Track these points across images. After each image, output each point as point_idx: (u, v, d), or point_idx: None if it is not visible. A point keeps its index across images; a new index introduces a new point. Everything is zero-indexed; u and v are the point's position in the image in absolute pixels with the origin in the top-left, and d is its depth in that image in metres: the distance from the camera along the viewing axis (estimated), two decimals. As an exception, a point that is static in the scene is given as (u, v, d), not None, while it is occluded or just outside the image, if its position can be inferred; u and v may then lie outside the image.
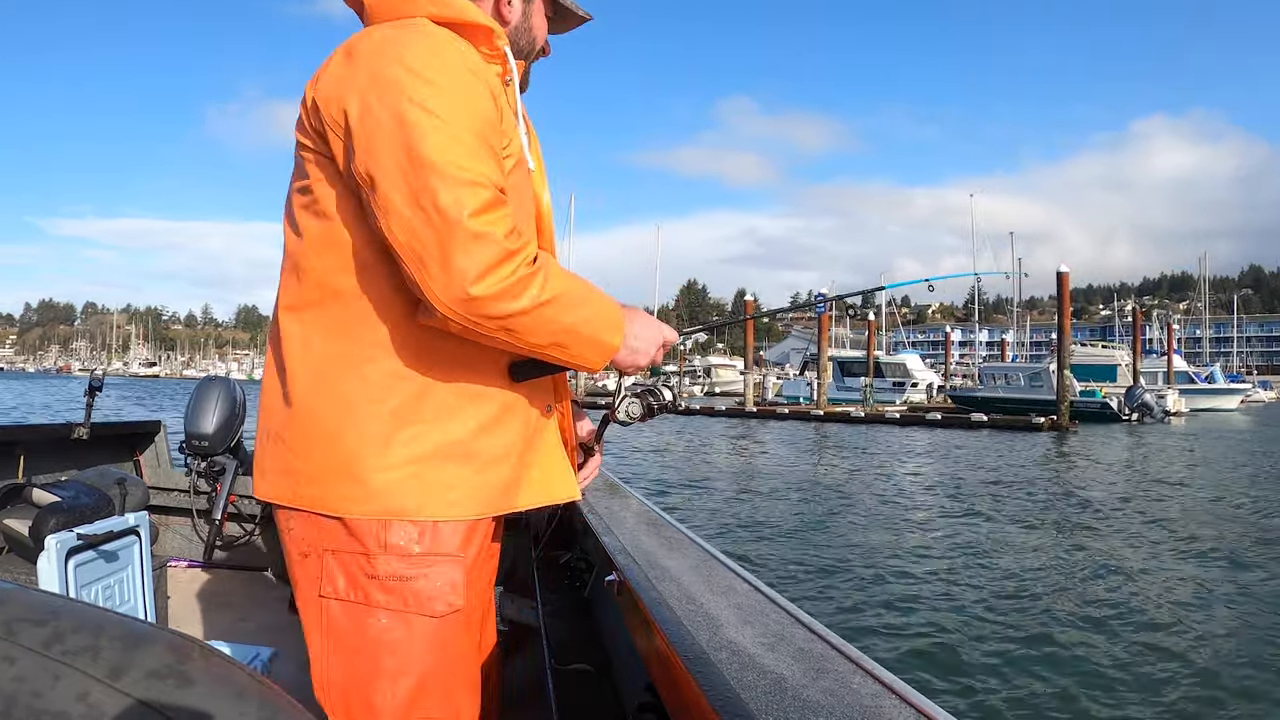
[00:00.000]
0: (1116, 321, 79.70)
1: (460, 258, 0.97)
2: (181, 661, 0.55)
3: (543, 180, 1.30)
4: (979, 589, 6.25)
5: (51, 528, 2.11)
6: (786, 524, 8.94)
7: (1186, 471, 14.30)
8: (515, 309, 1.01)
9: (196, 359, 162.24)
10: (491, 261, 0.98)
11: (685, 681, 0.90)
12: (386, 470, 1.07)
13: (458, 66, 1.05)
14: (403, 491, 1.07)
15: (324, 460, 1.08)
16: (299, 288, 1.12)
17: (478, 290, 0.98)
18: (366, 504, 1.07)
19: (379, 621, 1.07)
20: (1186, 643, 5.06)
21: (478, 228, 0.98)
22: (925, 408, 33.84)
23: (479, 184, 0.99)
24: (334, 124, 1.05)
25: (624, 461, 14.74)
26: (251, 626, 2.85)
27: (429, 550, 1.08)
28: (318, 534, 1.09)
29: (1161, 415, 31.20)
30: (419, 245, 0.98)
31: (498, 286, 0.99)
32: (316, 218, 1.11)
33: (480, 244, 0.98)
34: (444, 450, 1.09)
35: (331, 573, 1.08)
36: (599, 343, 1.11)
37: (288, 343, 1.13)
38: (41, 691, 0.51)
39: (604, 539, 1.67)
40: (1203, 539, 8.19)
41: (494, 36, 1.15)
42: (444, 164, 0.98)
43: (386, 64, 1.03)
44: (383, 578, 1.07)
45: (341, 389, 1.08)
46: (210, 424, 3.25)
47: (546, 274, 1.04)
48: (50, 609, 0.57)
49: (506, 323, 1.02)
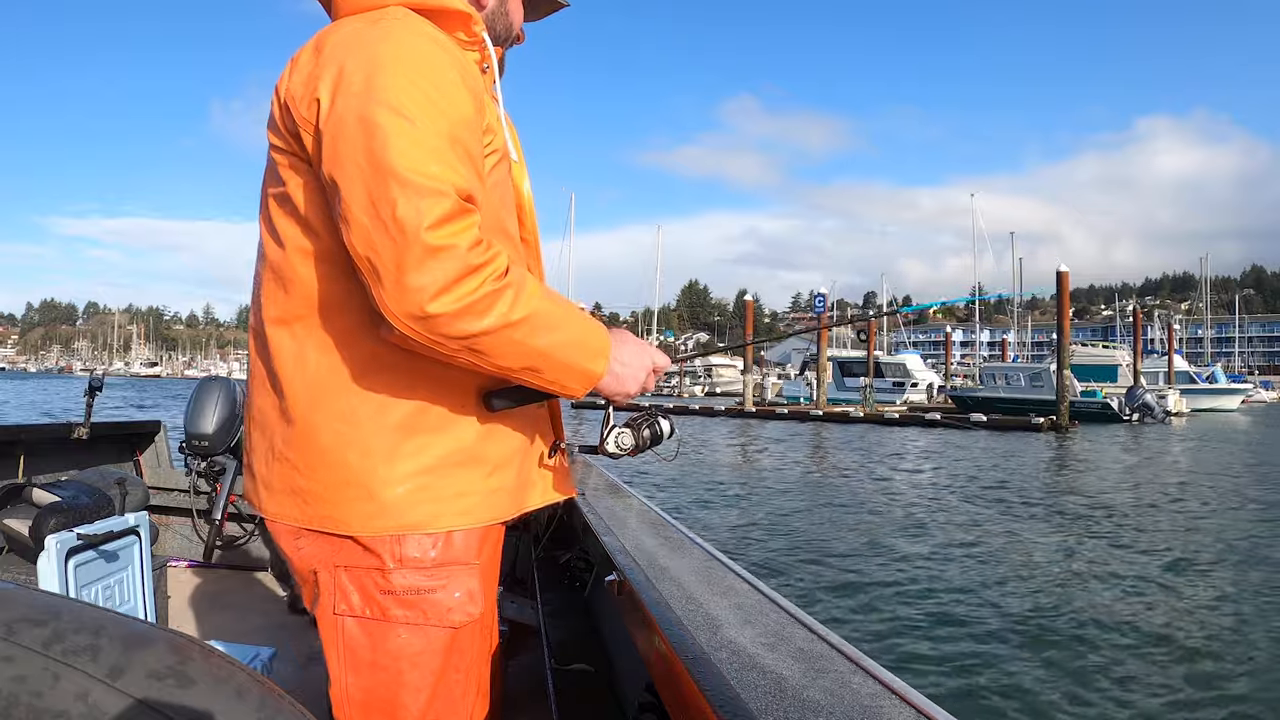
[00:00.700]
0: (1118, 322, 79.73)
1: (415, 273, 0.91)
2: (181, 661, 0.55)
3: (523, 170, 1.27)
4: (973, 591, 6.24)
5: (51, 528, 2.11)
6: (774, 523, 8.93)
7: (1184, 473, 14.27)
8: (479, 328, 0.94)
9: (198, 359, 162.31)
10: (452, 277, 0.92)
11: (685, 681, 0.90)
12: (396, 484, 1.04)
13: (433, 61, 1.00)
14: (415, 504, 1.05)
15: (331, 478, 1.05)
16: (286, 300, 1.08)
17: (435, 308, 0.92)
18: (380, 520, 1.04)
19: (399, 636, 1.05)
20: (1185, 643, 5.05)
21: (437, 241, 0.91)
22: (924, 408, 33.82)
23: (443, 193, 0.93)
24: (305, 122, 1.00)
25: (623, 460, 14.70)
26: (251, 626, 2.85)
27: (445, 560, 1.06)
28: (330, 551, 1.07)
29: (1162, 415, 31.18)
30: (374, 257, 0.92)
31: (458, 304, 0.92)
32: (299, 226, 1.06)
33: (439, 259, 0.91)
34: (451, 458, 1.07)
35: (345, 590, 1.06)
36: (578, 369, 1.05)
37: (280, 357, 1.08)
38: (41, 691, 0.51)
39: (604, 539, 1.67)
40: (1195, 541, 8.19)
41: (471, 22, 1.11)
42: (406, 171, 0.92)
43: (355, 59, 0.98)
44: (399, 592, 1.05)
45: (342, 405, 1.05)
46: (210, 424, 3.25)
47: (518, 291, 0.97)
48: (50, 609, 0.57)
49: (470, 343, 0.96)
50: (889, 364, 42.82)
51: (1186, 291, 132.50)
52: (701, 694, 0.84)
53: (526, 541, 2.79)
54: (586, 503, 2.10)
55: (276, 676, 2.24)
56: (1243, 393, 43.50)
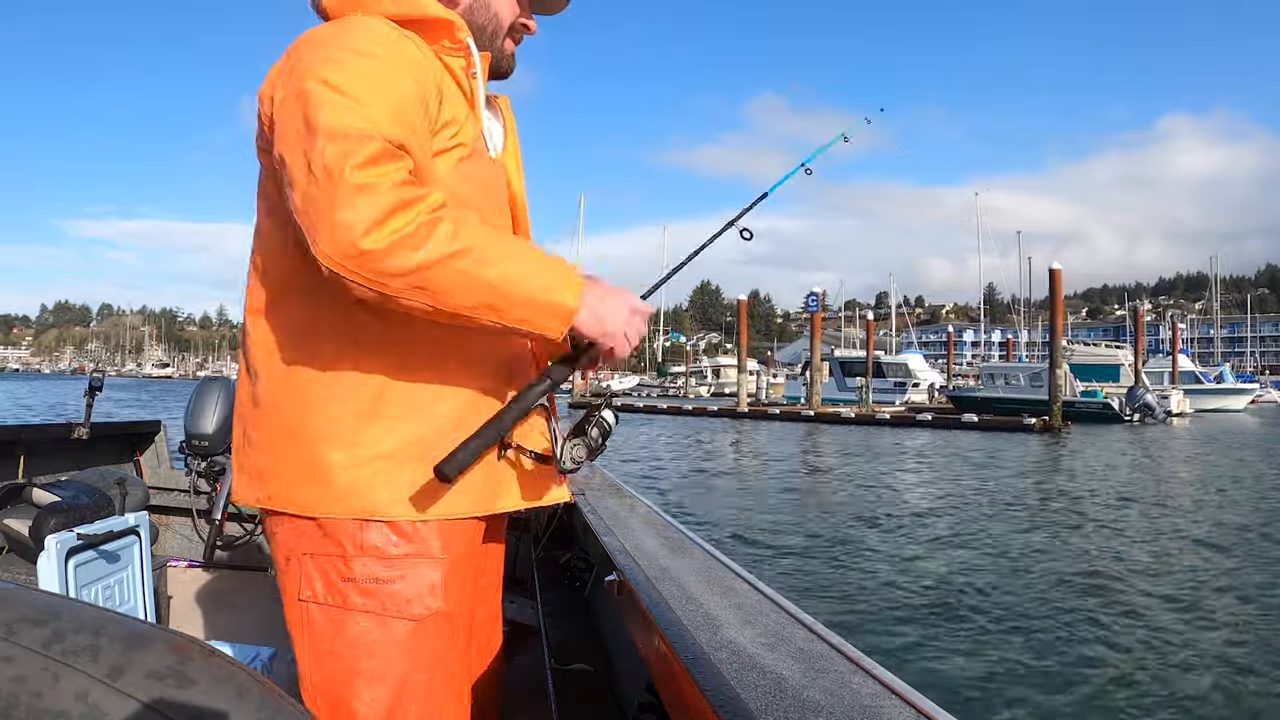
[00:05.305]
0: (1129, 322, 79.59)
1: (344, 212, 0.91)
2: (181, 661, 0.55)
3: (518, 172, 1.28)
4: (967, 591, 6.24)
5: (51, 528, 2.11)
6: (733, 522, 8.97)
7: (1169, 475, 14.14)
8: (419, 261, 0.93)
9: (210, 360, 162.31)
10: (381, 212, 0.92)
11: (685, 681, 0.90)
12: (353, 469, 1.05)
13: (378, 50, 1.03)
14: (370, 490, 1.05)
15: (290, 458, 1.08)
16: (262, 290, 1.12)
17: (369, 243, 0.91)
18: (336, 504, 1.05)
19: (357, 624, 1.06)
20: (1182, 642, 5.06)
21: (364, 179, 0.92)
22: (920, 408, 33.81)
23: (369, 136, 0.94)
24: (265, 118, 1.05)
25: (627, 461, 14.76)
26: (251, 626, 2.84)
27: (407, 552, 1.07)
28: (297, 538, 1.08)
29: (1163, 416, 31.00)
30: (309, 208, 0.93)
31: (392, 238, 0.92)
32: (272, 219, 1.10)
33: (365, 195, 0.92)
34: (412, 449, 1.07)
35: (310, 576, 1.07)
36: (545, 302, 1.01)
37: (255, 347, 1.12)
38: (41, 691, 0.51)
39: (604, 539, 1.67)
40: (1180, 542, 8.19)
41: (454, 29, 1.14)
42: (336, 125, 0.94)
43: (304, 51, 1.03)
44: (359, 580, 1.06)
45: (306, 389, 1.07)
46: (210, 424, 3.25)
47: (457, 225, 0.96)
48: (50, 609, 0.57)
49: (414, 279, 0.93)
50: (890, 364, 42.79)
51: (1200, 291, 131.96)
52: (701, 694, 0.84)
53: (526, 541, 2.80)
54: (587, 503, 2.10)
55: (276, 676, 2.24)
56: (1250, 393, 43.16)
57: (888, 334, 69.06)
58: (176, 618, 2.89)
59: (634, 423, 28.40)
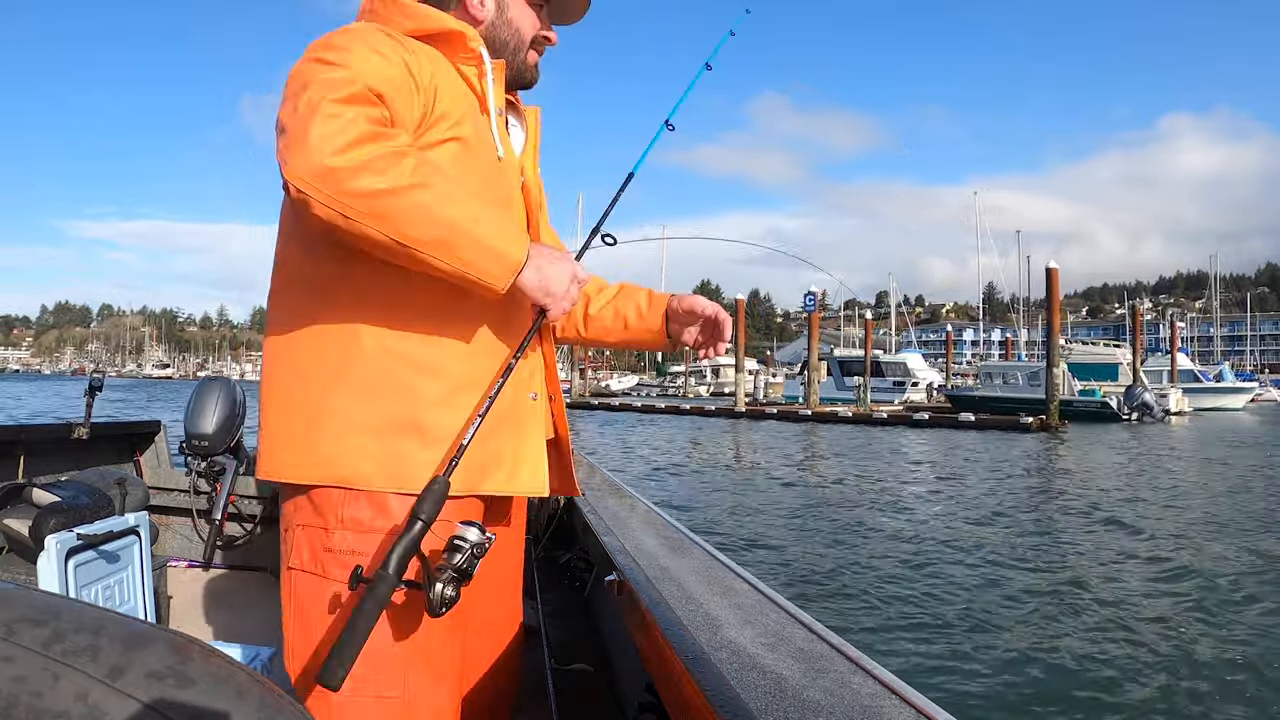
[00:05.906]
0: (1128, 321, 79.63)
1: (316, 129, 0.97)
2: (181, 661, 0.55)
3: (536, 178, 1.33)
4: (920, 591, 6.25)
5: (51, 528, 2.11)
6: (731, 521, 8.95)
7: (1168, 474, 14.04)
8: (381, 186, 0.97)
9: (211, 360, 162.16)
10: (352, 137, 0.97)
11: (685, 681, 0.90)
12: (336, 439, 1.10)
13: (371, 46, 1.10)
14: (351, 460, 1.09)
15: (280, 425, 1.14)
16: (277, 279, 1.20)
17: (336, 161, 0.96)
18: (316, 470, 1.11)
19: (333, 594, 1.09)
20: (1183, 642, 5.06)
21: (338, 110, 0.99)
22: (917, 407, 33.74)
23: (351, 81, 1.03)
24: None
25: (624, 460, 14.75)
26: (251, 626, 2.84)
27: (383, 526, 1.10)
28: (294, 510, 1.14)
29: (1162, 415, 30.93)
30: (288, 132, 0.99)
31: (359, 159, 0.96)
32: (287, 210, 1.17)
33: (340, 119, 0.98)
34: (392, 423, 1.10)
35: (299, 546, 1.12)
36: (497, 251, 1.04)
37: (269, 329, 1.20)
38: (41, 691, 0.51)
39: (604, 539, 1.67)
40: (1178, 541, 8.20)
41: (466, 39, 1.21)
42: (324, 78, 1.02)
43: (308, 48, 1.10)
44: (338, 551, 1.09)
45: (301, 362, 1.14)
46: (210, 424, 3.25)
47: (421, 162, 1.01)
48: (50, 609, 0.57)
49: (374, 203, 0.97)
50: (889, 363, 42.74)
51: (1201, 290, 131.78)
52: (701, 694, 0.84)
53: (527, 541, 2.79)
54: (587, 503, 2.10)
55: (276, 676, 2.24)
56: (1250, 391, 43.11)
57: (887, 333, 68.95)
58: (176, 618, 2.89)
59: (632, 422, 28.38)
